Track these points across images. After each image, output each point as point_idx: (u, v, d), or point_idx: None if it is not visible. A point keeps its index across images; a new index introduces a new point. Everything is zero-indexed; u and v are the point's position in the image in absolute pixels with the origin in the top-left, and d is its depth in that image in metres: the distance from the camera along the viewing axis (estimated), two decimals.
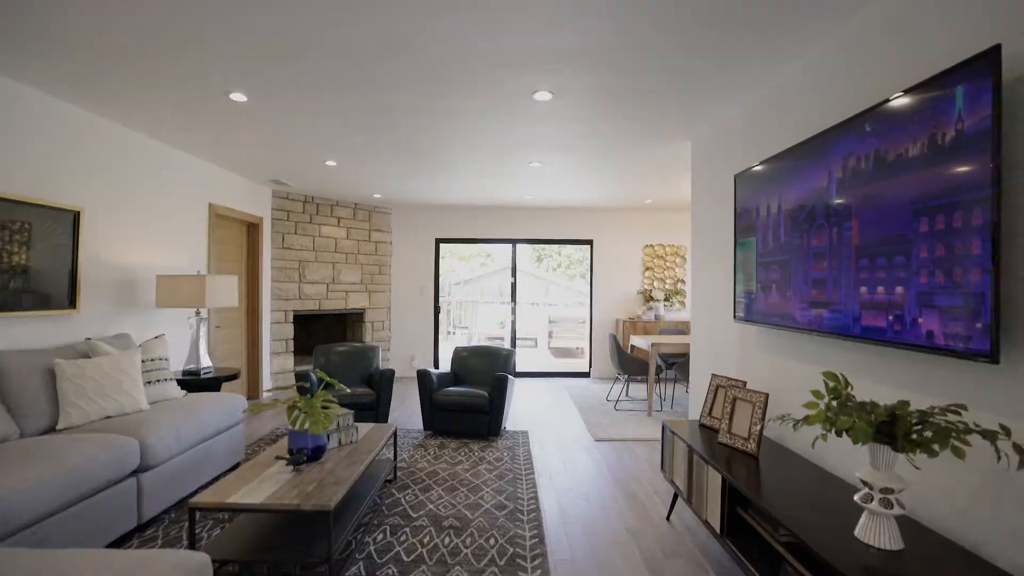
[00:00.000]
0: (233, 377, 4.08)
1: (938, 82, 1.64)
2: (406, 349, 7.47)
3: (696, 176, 3.86)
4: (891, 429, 1.35)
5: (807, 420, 1.46)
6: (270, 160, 4.65)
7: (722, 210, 3.36)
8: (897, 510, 1.40)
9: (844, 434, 1.44)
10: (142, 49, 2.45)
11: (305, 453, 2.46)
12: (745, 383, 2.64)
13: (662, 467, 2.92)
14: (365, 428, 3.22)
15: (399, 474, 3.47)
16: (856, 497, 1.49)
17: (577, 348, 9.82)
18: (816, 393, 1.46)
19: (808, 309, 2.34)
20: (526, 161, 4.62)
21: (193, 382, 3.82)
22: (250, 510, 2.04)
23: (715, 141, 3.50)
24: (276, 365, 6.09)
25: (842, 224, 2.13)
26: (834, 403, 1.43)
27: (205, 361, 4.02)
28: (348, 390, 2.88)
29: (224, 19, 2.20)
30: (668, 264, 7.54)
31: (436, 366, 7.52)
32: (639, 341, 5.69)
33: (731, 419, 2.45)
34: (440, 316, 7.66)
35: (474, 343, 11.01)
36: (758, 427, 2.28)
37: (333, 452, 2.74)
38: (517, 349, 7.77)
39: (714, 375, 2.84)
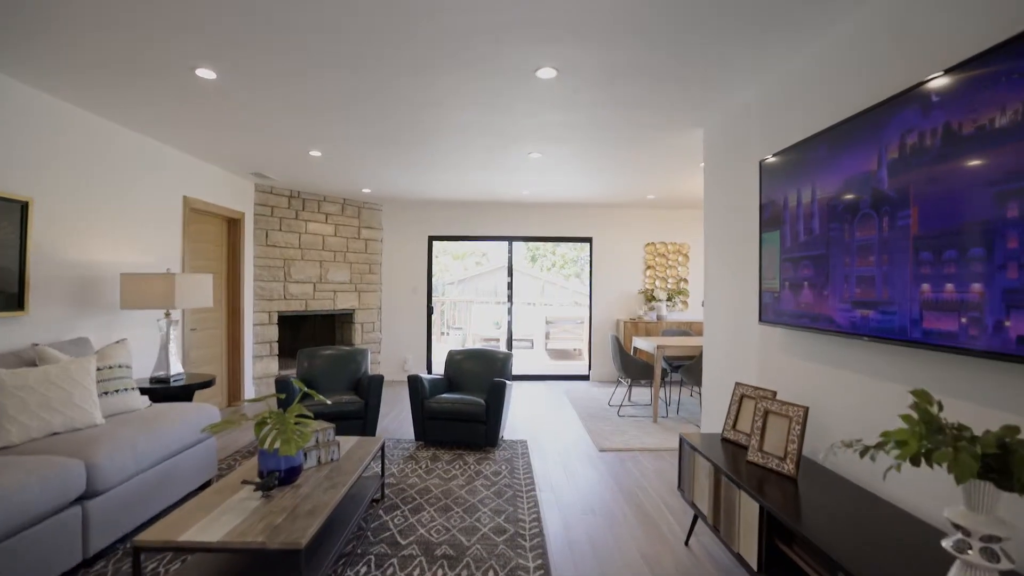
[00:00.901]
0: (207, 384, 3.75)
1: None
2: (398, 351, 7.15)
3: (709, 167, 3.58)
4: (1002, 464, 1.06)
5: (889, 449, 1.17)
6: (249, 150, 4.31)
7: (742, 202, 3.07)
8: (1005, 564, 1.12)
9: (923, 462, 1.16)
10: (88, 14, 2.12)
11: (277, 476, 2.15)
12: (775, 393, 2.35)
13: (679, 485, 2.63)
14: (349, 443, 2.91)
15: (388, 492, 3.15)
16: (946, 544, 1.20)
17: (575, 350, 9.54)
18: (906, 418, 1.17)
19: (851, 310, 2.05)
20: (525, 152, 4.32)
21: (162, 391, 3.48)
22: (205, 549, 1.73)
23: (732, 127, 3.22)
24: (259, 369, 5.76)
25: (895, 213, 1.84)
26: (921, 428, 1.14)
27: (176, 367, 3.68)
28: (329, 402, 2.56)
29: None
30: (670, 263, 7.27)
31: (429, 369, 7.20)
32: (642, 343, 5.41)
33: (763, 435, 2.16)
34: (433, 317, 7.37)
35: (468, 345, 10.72)
36: (796, 445, 1.99)
37: (311, 472, 2.42)
38: (513, 351, 7.47)
39: (738, 384, 2.55)
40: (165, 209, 4.23)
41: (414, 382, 4.07)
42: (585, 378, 7.31)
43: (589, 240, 7.27)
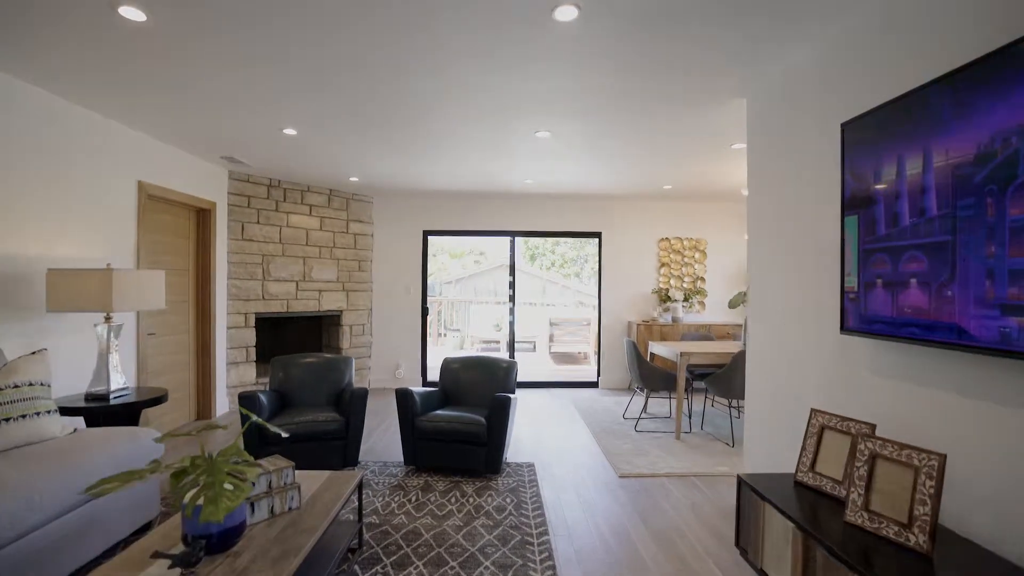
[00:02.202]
0: (157, 400, 3.16)
1: None
2: (390, 356, 6.56)
3: (757, 142, 3.00)
4: None
5: None
6: (213, 127, 3.72)
7: (806, 180, 2.50)
8: None
9: None
10: None
11: (203, 545, 1.57)
12: (874, 427, 1.78)
13: (738, 541, 2.05)
14: (316, 481, 2.32)
15: (368, 536, 2.57)
16: None
17: (581, 353, 8.96)
18: None
19: (998, 317, 1.48)
20: (531, 130, 3.74)
21: (100, 411, 2.90)
22: None
23: (794, 88, 2.64)
24: (234, 377, 5.17)
25: None
26: None
27: (118, 381, 3.09)
28: (285, 434, 1.97)
29: None
30: (686, 260, 6.69)
31: (424, 376, 6.62)
32: (661, 349, 4.84)
33: (868, 487, 1.59)
34: (429, 318, 6.80)
35: (465, 348, 10.14)
36: (929, 508, 1.42)
37: (260, 530, 1.84)
38: (515, 354, 6.89)
39: (817, 411, 1.98)
40: (115, 195, 3.63)
41: (403, 397, 3.49)
42: (593, 385, 6.74)
43: (598, 235, 6.69)
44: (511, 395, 3.52)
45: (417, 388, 3.68)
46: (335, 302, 6.10)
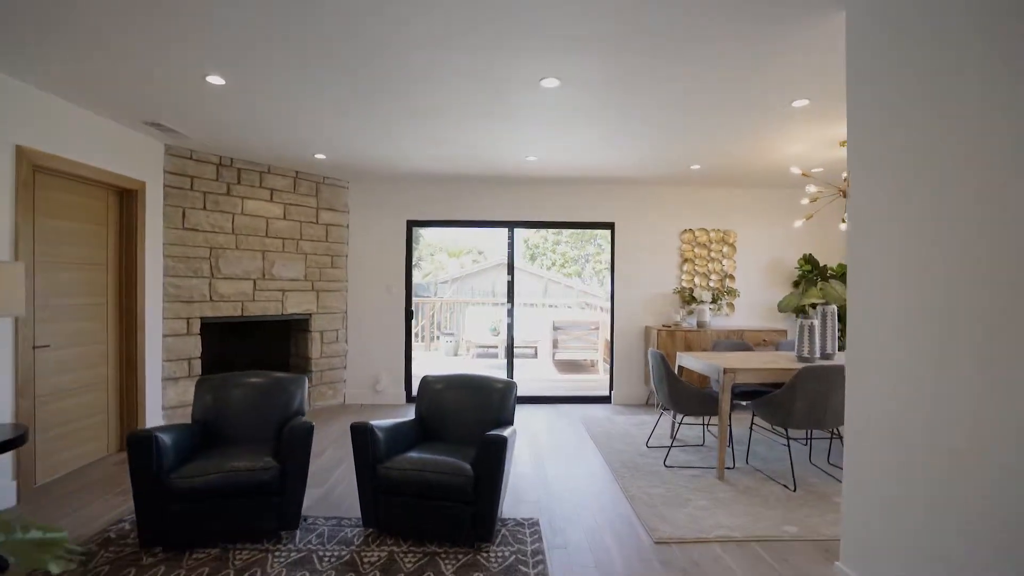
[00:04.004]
0: (10, 445, 2.24)
1: None
2: (369, 368, 5.63)
3: (869, 72, 2.06)
4: None
5: None
6: (112, 70, 2.80)
7: (982, 129, 1.57)
8: None
9: None
10: None
11: None
12: None
13: None
14: None
15: None
16: None
17: (588, 361, 8.04)
18: None
19: None
20: (536, 76, 2.82)
21: None
22: None
23: None
24: (173, 396, 4.25)
25: None
26: None
27: None
28: (72, 565, 1.04)
29: None
30: (713, 255, 5.77)
31: (409, 391, 5.69)
32: (694, 362, 3.91)
33: None
34: (421, 322, 5.91)
35: (460, 354, 9.19)
36: None
37: None
38: (514, 360, 5.97)
39: None
40: None
41: (361, 435, 2.56)
42: (605, 400, 5.81)
43: (611, 226, 5.77)
44: (507, 433, 2.59)
45: (383, 421, 2.76)
46: (303, 304, 5.18)
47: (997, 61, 1.50)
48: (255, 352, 5.34)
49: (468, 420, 3.01)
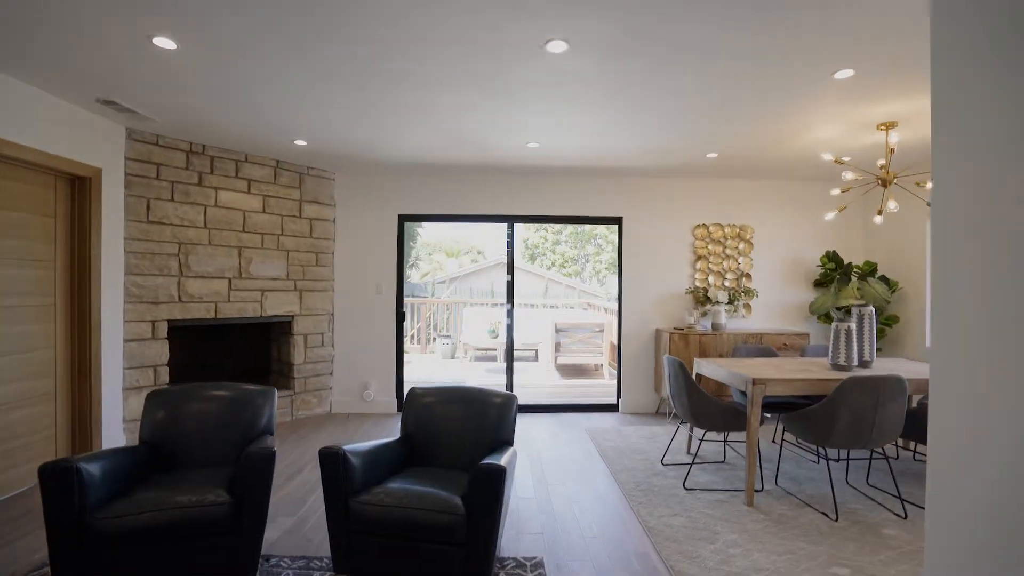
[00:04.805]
0: None
1: None
2: (357, 374, 5.22)
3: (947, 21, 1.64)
4: None
5: None
6: (39, 27, 2.39)
7: None
8: None
9: None
10: None
11: None
12: None
13: None
14: None
15: None
16: None
17: (593, 365, 7.62)
18: None
19: None
20: (540, 38, 2.40)
21: None
22: None
23: None
24: (136, 408, 3.83)
25: None
26: None
27: None
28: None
29: None
30: (728, 252, 5.36)
31: (400, 398, 5.27)
32: (714, 369, 3.50)
33: None
34: (417, 324, 5.50)
35: (458, 357, 8.75)
36: None
37: None
38: (514, 364, 5.55)
39: None
40: None
41: (331, 463, 2.14)
42: (612, 408, 5.40)
43: (618, 220, 5.35)
44: (505, 459, 2.18)
45: (359, 445, 2.34)
46: (284, 305, 4.77)
47: None
48: (232, 358, 4.93)
49: (462, 440, 2.59)
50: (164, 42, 2.43)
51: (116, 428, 3.70)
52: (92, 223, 3.45)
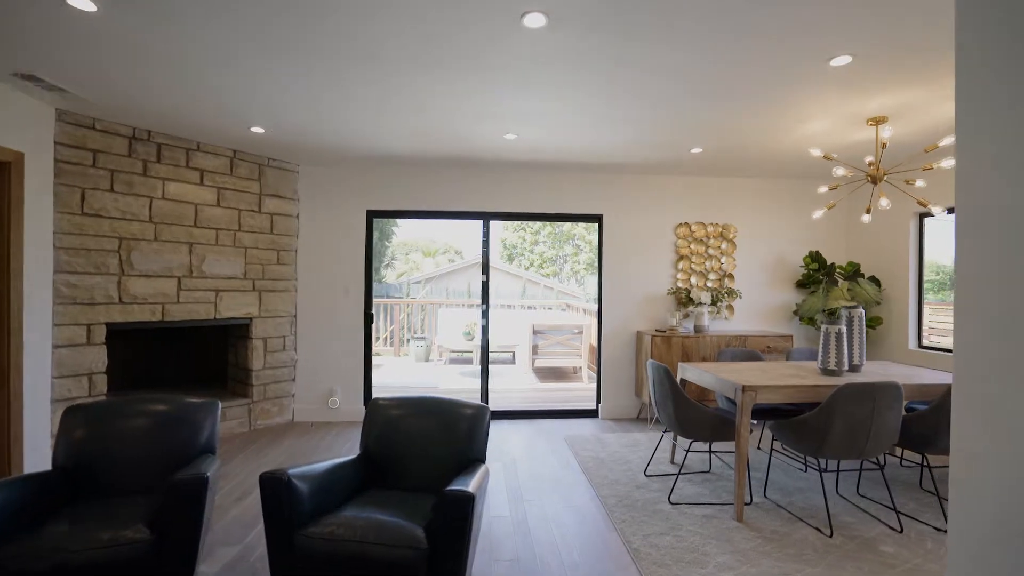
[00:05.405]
0: None
1: None
2: (321, 380, 4.88)
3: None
4: None
5: None
6: None
7: None
8: None
9: None
10: None
11: None
12: None
13: None
14: None
15: None
16: None
17: (572, 368, 7.42)
18: None
19: None
20: (518, 9, 2.15)
21: None
22: None
23: None
24: None
25: None
26: None
27: None
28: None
29: None
30: (710, 251, 5.21)
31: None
32: (701, 375, 3.31)
33: None
34: (383, 325, 5.18)
35: (432, 360, 8.42)
36: None
37: None
38: (490, 367, 5.30)
39: None
40: None
41: (272, 491, 1.84)
42: (592, 414, 5.19)
43: (598, 219, 5.15)
44: (473, 484, 1.92)
45: (310, 467, 2.05)
46: (242, 306, 4.41)
47: None
48: (184, 364, 4.56)
49: (427, 458, 2.33)
50: (80, 2, 2.10)
51: (42, 445, 3.31)
52: (12, 214, 3.06)
